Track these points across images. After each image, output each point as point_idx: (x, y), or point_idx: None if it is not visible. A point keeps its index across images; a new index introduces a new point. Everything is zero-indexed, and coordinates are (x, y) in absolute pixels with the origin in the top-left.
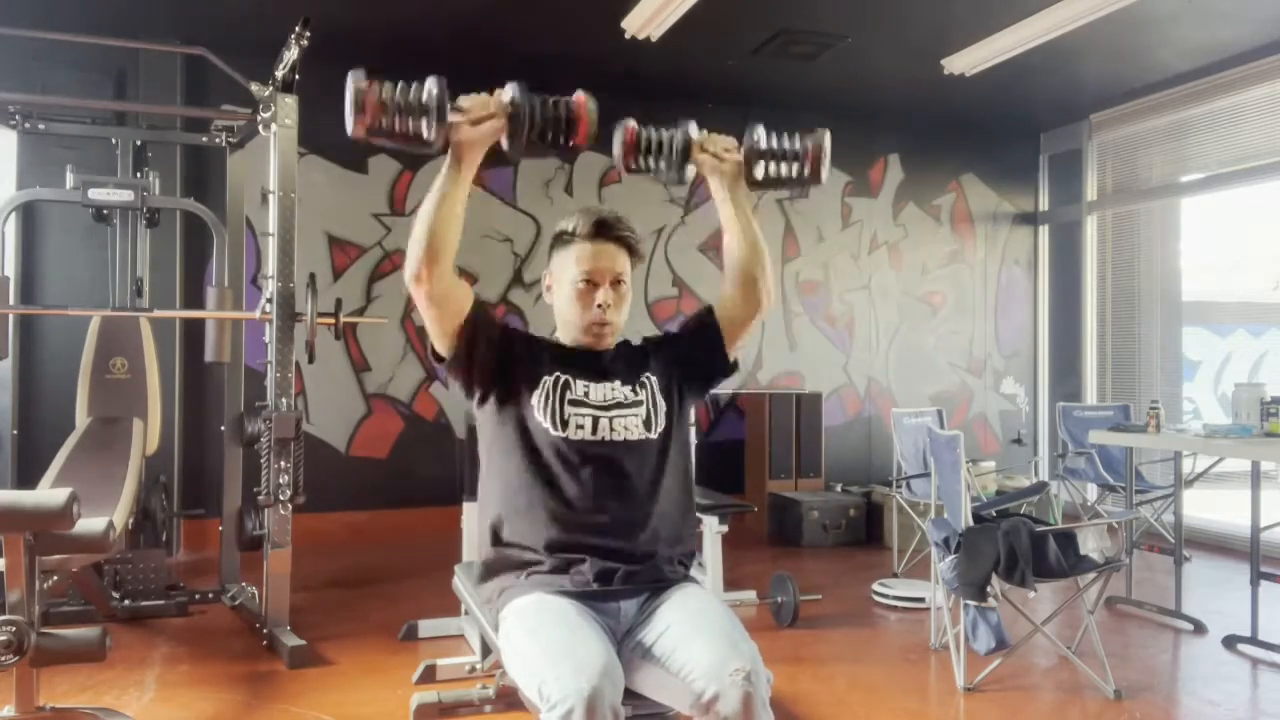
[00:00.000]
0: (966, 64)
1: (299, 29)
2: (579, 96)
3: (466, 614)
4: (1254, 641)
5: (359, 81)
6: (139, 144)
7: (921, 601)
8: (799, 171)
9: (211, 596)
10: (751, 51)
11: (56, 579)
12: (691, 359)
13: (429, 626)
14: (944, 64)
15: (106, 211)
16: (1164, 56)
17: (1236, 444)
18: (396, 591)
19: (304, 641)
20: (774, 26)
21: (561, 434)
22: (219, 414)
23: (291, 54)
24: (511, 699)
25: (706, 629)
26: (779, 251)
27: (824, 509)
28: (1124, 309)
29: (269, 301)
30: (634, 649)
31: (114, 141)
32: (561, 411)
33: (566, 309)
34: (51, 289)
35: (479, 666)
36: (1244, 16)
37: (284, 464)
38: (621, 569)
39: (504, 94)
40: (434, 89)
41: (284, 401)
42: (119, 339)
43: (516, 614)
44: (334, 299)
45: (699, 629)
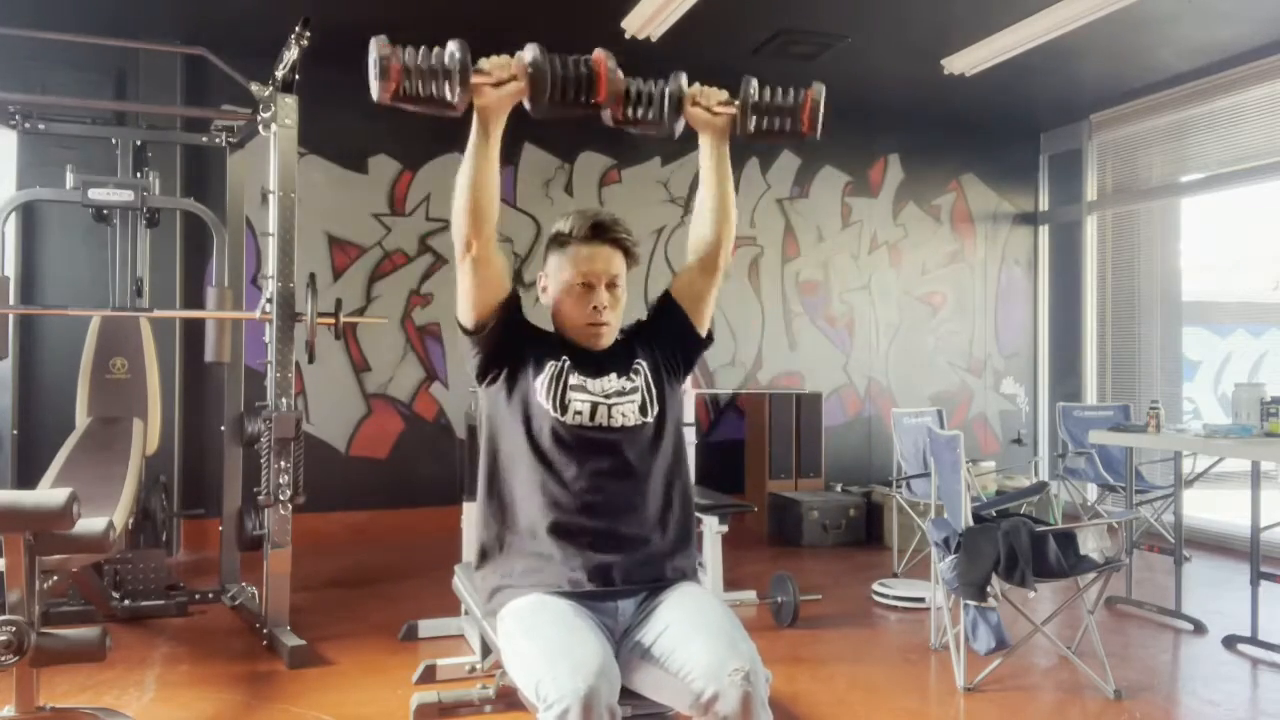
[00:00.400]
0: (966, 64)
1: (299, 29)
2: (598, 54)
3: (466, 614)
4: (1254, 641)
5: (382, 47)
6: (139, 144)
7: (921, 601)
8: (793, 125)
9: (211, 596)
10: (751, 51)
11: (56, 579)
12: (666, 344)
13: (429, 626)
14: (944, 64)
15: (106, 211)
16: (1164, 56)
17: (1236, 444)
18: (396, 591)
19: (304, 641)
20: (774, 26)
21: (560, 416)
22: (219, 414)
23: (291, 54)
24: (512, 699)
25: (705, 629)
26: (779, 251)
27: (824, 509)
28: (1124, 309)
29: (269, 301)
30: (633, 649)
31: (114, 141)
32: (563, 396)
33: (562, 310)
34: (51, 289)
35: (479, 666)
36: (1244, 16)
37: (284, 464)
38: (620, 563)
39: (524, 55)
40: (456, 52)
41: (284, 401)
42: (119, 339)
43: (515, 614)
44: (334, 299)
45: (698, 629)
